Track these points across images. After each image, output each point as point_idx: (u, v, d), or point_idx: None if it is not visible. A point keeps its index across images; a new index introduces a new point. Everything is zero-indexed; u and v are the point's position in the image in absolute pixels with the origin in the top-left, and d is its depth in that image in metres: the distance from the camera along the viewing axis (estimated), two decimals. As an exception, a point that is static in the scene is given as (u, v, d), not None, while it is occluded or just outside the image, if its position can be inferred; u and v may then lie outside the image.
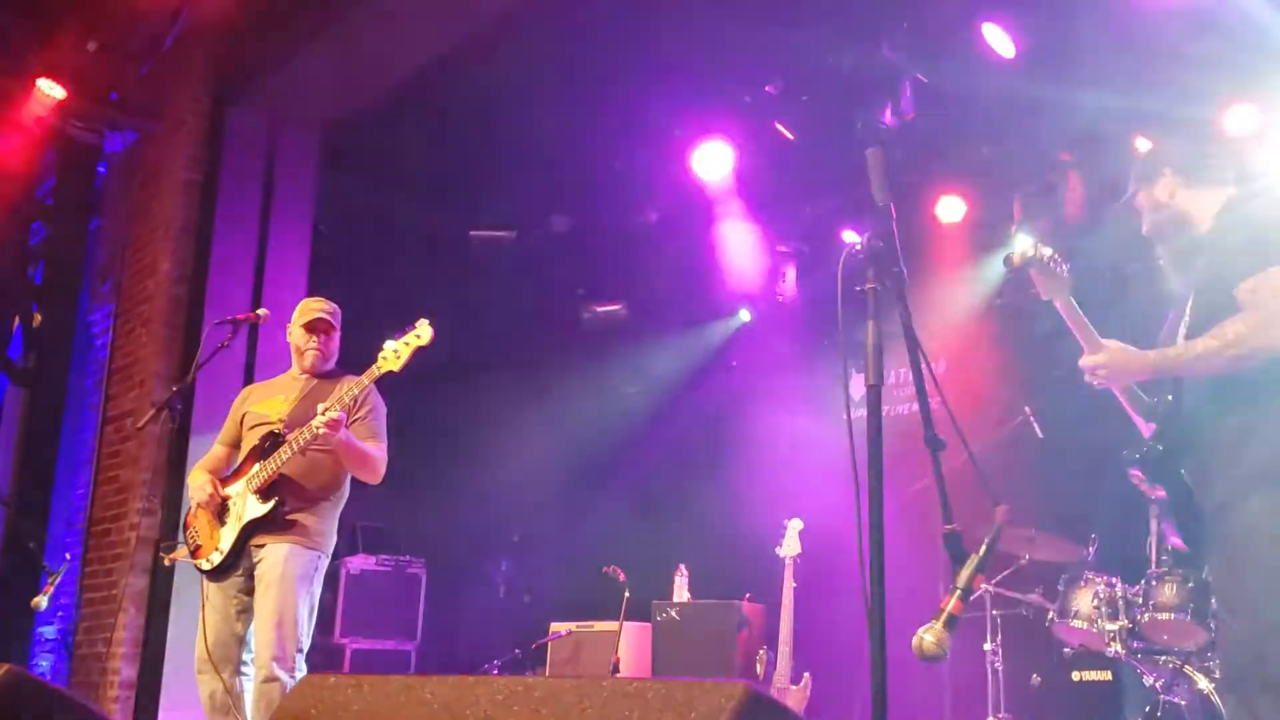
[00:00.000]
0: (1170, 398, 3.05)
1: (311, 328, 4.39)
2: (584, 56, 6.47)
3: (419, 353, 3.99)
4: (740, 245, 7.91)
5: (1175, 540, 3.21)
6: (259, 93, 6.91)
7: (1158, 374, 3.07)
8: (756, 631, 6.34)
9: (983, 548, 1.97)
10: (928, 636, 1.92)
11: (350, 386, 4.08)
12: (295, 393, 4.35)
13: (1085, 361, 3.10)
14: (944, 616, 1.92)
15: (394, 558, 7.71)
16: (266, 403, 4.37)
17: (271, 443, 4.15)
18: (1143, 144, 6.28)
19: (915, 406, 2.09)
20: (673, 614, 6.59)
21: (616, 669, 6.47)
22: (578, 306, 8.63)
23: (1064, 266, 3.07)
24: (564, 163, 7.47)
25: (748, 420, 8.23)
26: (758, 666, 5.84)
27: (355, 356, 4.33)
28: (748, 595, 6.58)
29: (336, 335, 4.45)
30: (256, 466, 4.15)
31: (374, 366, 4.02)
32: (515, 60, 6.67)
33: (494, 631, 7.87)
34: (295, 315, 4.46)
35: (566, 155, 7.37)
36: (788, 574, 5.87)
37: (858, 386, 3.50)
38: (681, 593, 6.84)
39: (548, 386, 8.26)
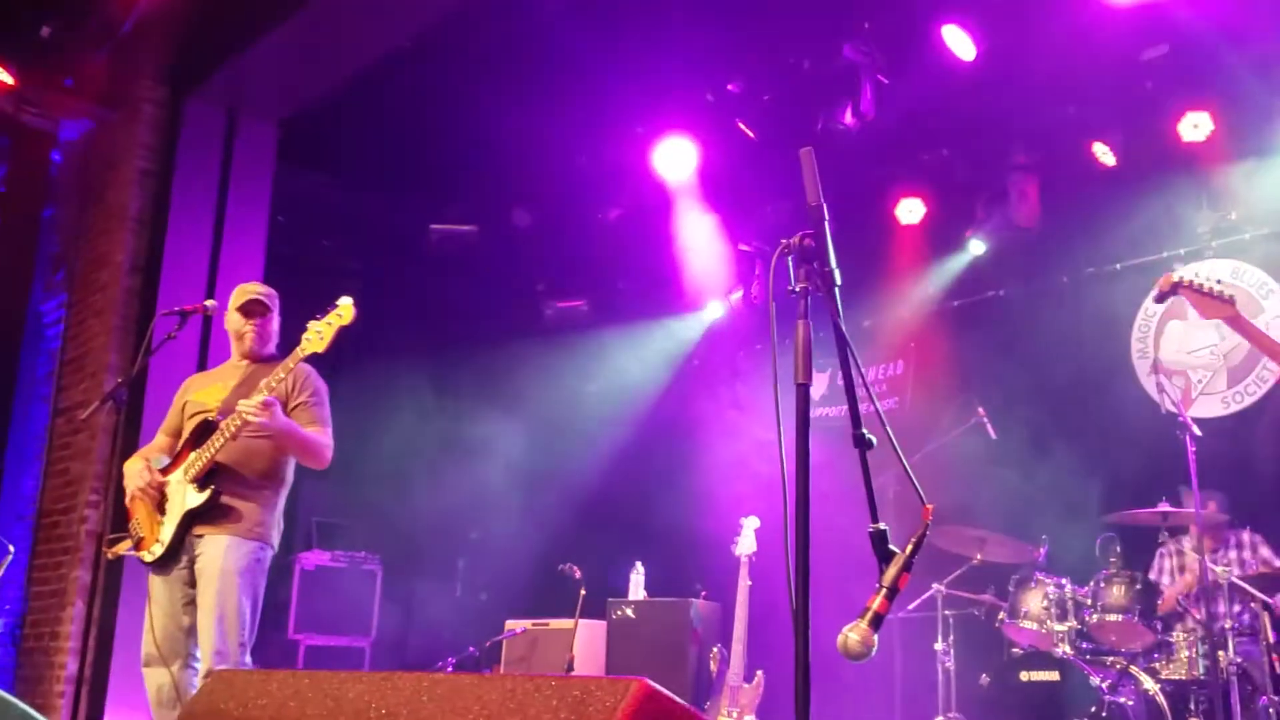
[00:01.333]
0: None
1: (247, 311, 4.34)
2: (547, 51, 6.44)
3: (342, 332, 3.96)
4: (702, 243, 7.91)
5: None
6: (216, 82, 6.82)
7: None
8: (711, 629, 6.36)
9: (909, 547, 1.98)
10: (852, 635, 1.93)
11: (276, 371, 4.04)
12: (234, 379, 4.30)
13: None
14: (869, 615, 1.92)
15: (349, 554, 7.65)
16: (207, 390, 4.32)
17: (205, 430, 4.10)
18: (1100, 149, 6.34)
19: (870, 406, 2.09)
20: (628, 612, 6.60)
21: (571, 666, 6.46)
22: (539, 302, 8.60)
23: (1220, 285, 3.10)
24: (525, 157, 7.44)
25: (707, 418, 8.25)
26: (711, 664, 5.85)
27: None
28: (703, 593, 6.60)
29: (273, 317, 4.39)
30: (193, 455, 4.10)
31: (298, 349, 3.99)
32: (477, 54, 6.64)
33: (450, 629, 7.84)
34: (230, 301, 4.40)
35: (528, 150, 7.34)
36: (743, 572, 5.88)
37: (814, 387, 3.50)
38: (637, 590, 6.85)
39: (507, 383, 8.23)
